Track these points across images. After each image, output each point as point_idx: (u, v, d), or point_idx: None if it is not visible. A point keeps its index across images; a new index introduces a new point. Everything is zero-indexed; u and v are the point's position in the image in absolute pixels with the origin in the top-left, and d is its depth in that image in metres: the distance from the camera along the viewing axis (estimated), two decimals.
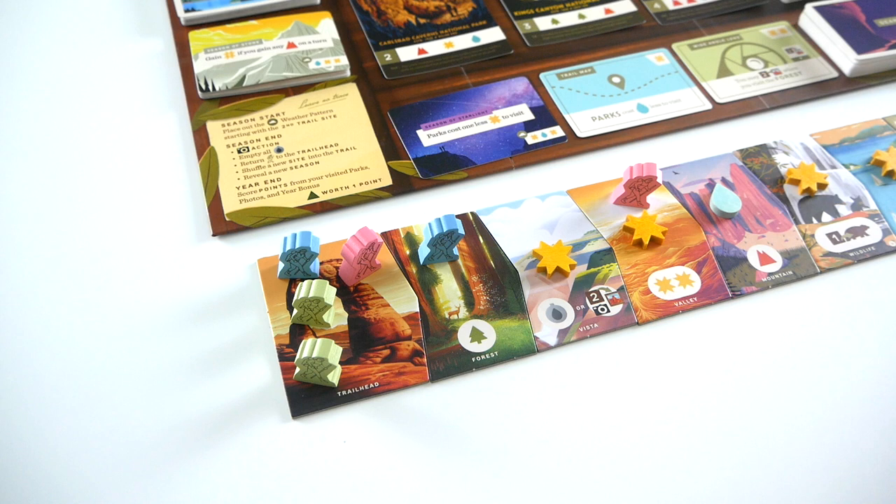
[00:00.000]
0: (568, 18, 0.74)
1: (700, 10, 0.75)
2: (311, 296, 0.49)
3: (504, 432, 0.48)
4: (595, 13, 0.75)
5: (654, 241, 0.57)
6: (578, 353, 0.52)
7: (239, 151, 0.61)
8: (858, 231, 0.59)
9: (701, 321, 0.54)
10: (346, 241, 0.52)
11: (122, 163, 0.61)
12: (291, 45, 0.68)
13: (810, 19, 0.73)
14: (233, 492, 0.45)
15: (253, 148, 0.62)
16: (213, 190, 0.59)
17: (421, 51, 0.70)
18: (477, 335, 0.52)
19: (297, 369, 0.49)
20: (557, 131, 0.64)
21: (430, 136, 0.63)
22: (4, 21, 0.71)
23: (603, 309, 0.54)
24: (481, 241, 0.57)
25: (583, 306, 0.54)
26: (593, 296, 0.54)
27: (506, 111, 0.66)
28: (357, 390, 0.49)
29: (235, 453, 0.47)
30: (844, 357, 0.53)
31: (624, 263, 0.56)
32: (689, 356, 0.52)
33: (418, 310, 0.53)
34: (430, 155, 0.62)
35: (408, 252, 0.56)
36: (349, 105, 0.65)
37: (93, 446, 0.47)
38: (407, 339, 0.52)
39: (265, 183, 0.59)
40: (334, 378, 0.49)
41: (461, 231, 0.53)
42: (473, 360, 0.51)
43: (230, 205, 0.58)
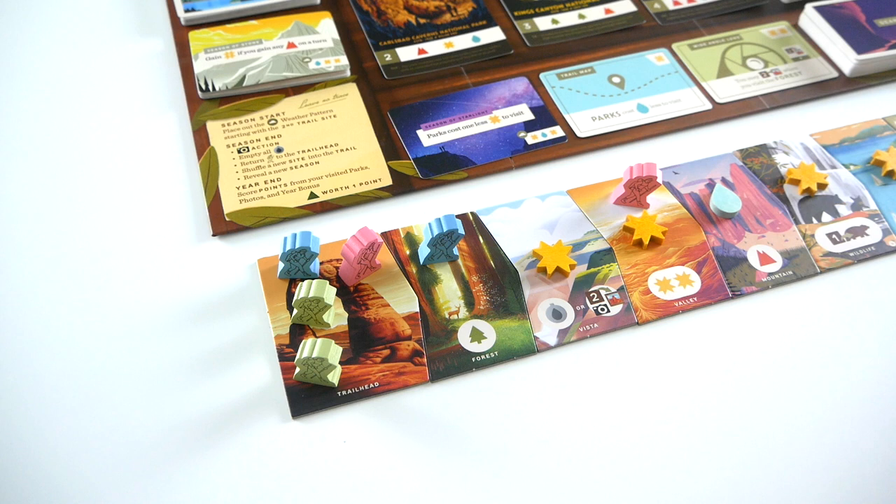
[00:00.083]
0: (568, 18, 0.74)
1: (700, 10, 0.75)
2: (311, 296, 0.49)
3: (504, 432, 0.48)
4: (595, 13, 0.74)
5: (654, 241, 0.57)
6: (578, 353, 0.52)
7: (239, 151, 0.61)
8: (858, 231, 0.59)
9: (701, 321, 0.54)
10: (346, 241, 0.52)
11: (122, 163, 0.61)
12: (291, 45, 0.68)
13: (810, 19, 0.73)
14: (233, 492, 0.45)
15: (253, 148, 0.62)
16: (213, 190, 0.59)
17: (421, 51, 0.70)
18: (477, 335, 0.52)
19: (297, 369, 0.49)
20: (557, 131, 0.64)
21: (430, 136, 0.63)
22: (4, 21, 0.71)
23: (603, 309, 0.54)
24: (481, 241, 0.57)
25: (583, 306, 0.54)
26: (593, 296, 0.54)
27: (506, 111, 0.66)
28: (357, 390, 0.49)
29: (235, 453, 0.47)
30: (844, 357, 0.53)
31: (624, 263, 0.56)
32: (689, 356, 0.52)
33: (418, 310, 0.53)
34: (430, 155, 0.62)
35: (408, 252, 0.56)
36: (349, 105, 0.65)
37: (93, 446, 0.47)
38: (407, 339, 0.52)
39: (265, 183, 0.59)
40: (334, 378, 0.49)
41: (461, 231, 0.53)
42: (473, 360, 0.51)
43: (230, 205, 0.58)
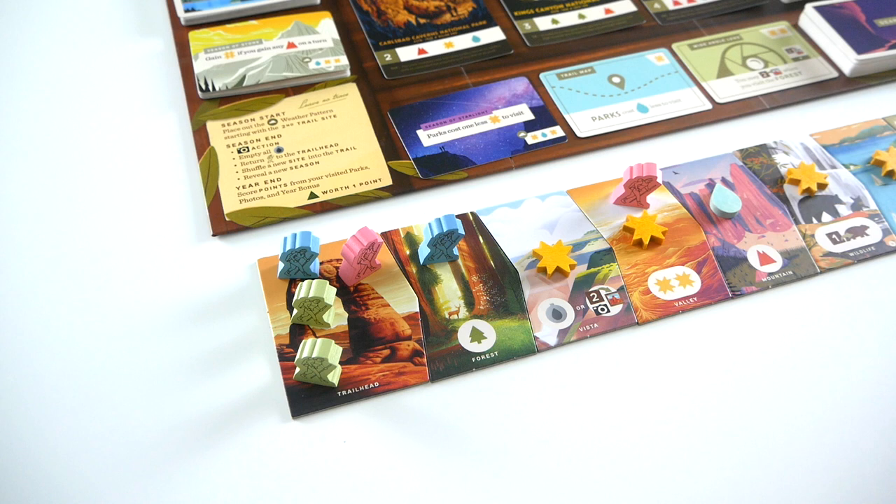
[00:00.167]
0: (568, 18, 0.74)
1: (700, 10, 0.75)
2: (311, 296, 0.49)
3: (504, 432, 0.48)
4: (595, 13, 0.74)
5: (654, 241, 0.57)
6: (578, 353, 0.52)
7: (239, 151, 0.61)
8: (858, 231, 0.59)
9: (701, 321, 0.54)
10: (346, 241, 0.52)
11: (122, 163, 0.61)
12: (291, 45, 0.68)
13: (810, 19, 0.73)
14: (233, 492, 0.45)
15: (253, 148, 0.62)
16: (213, 190, 0.59)
17: (421, 51, 0.70)
18: (477, 335, 0.52)
19: (297, 369, 0.49)
20: (557, 131, 0.64)
21: (430, 136, 0.63)
22: (4, 21, 0.71)
23: (603, 309, 0.54)
24: (481, 241, 0.57)
25: (583, 306, 0.54)
26: (593, 296, 0.54)
27: (506, 111, 0.66)
28: (357, 390, 0.49)
29: (235, 453, 0.47)
30: (844, 357, 0.53)
31: (624, 263, 0.56)
32: (689, 356, 0.52)
33: (418, 310, 0.53)
34: (430, 155, 0.62)
35: (408, 252, 0.56)
36: (349, 105, 0.65)
37: (93, 446, 0.47)
38: (407, 339, 0.52)
39: (265, 183, 0.59)
40: (334, 378, 0.49)
41: (461, 231, 0.53)
42: (473, 360, 0.51)
43: (230, 205, 0.58)
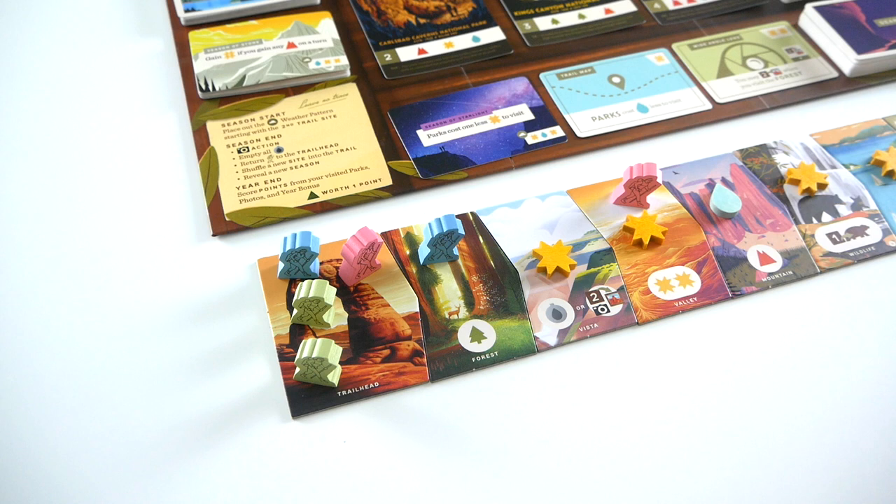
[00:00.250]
0: (568, 18, 0.74)
1: (700, 10, 0.75)
2: (311, 296, 0.49)
3: (504, 432, 0.48)
4: (595, 13, 0.74)
5: (654, 241, 0.57)
6: (578, 353, 0.52)
7: (239, 151, 0.61)
8: (858, 231, 0.59)
9: (701, 321, 0.54)
10: (346, 241, 0.52)
11: (122, 163, 0.61)
12: (291, 45, 0.68)
13: (810, 19, 0.73)
14: (233, 492, 0.45)
15: (253, 148, 0.62)
16: (213, 190, 0.59)
17: (421, 51, 0.70)
18: (477, 335, 0.52)
19: (297, 369, 0.49)
20: (557, 131, 0.64)
21: (430, 136, 0.63)
22: (4, 21, 0.71)
23: (603, 309, 0.54)
24: (481, 241, 0.57)
25: (583, 306, 0.54)
26: (593, 296, 0.54)
27: (506, 111, 0.66)
28: (357, 390, 0.49)
29: (235, 453, 0.47)
30: (844, 357, 0.53)
31: (624, 263, 0.56)
32: (689, 356, 0.52)
33: (418, 310, 0.53)
34: (430, 155, 0.62)
35: (408, 252, 0.56)
36: (349, 105, 0.65)
37: (93, 446, 0.47)
38: (407, 339, 0.52)
39: (265, 183, 0.59)
40: (334, 378, 0.49)
41: (461, 231, 0.53)
42: (473, 360, 0.51)
43: (230, 205, 0.58)
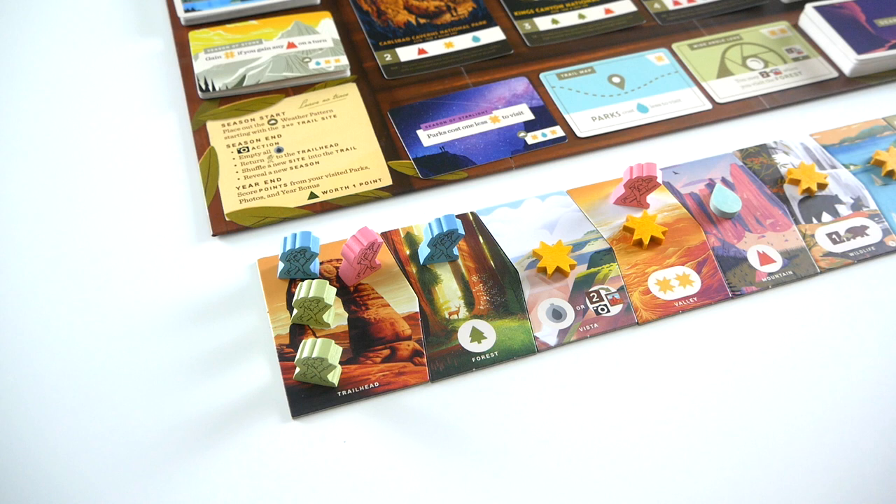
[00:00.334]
0: (568, 18, 0.74)
1: (700, 10, 0.75)
2: (311, 296, 0.49)
3: (504, 432, 0.48)
4: (595, 13, 0.74)
5: (654, 241, 0.57)
6: (578, 353, 0.52)
7: (239, 151, 0.61)
8: (858, 231, 0.59)
9: (701, 321, 0.54)
10: (346, 241, 0.52)
11: (122, 163, 0.61)
12: (291, 45, 0.68)
13: (810, 19, 0.73)
14: (233, 492, 0.45)
15: (253, 148, 0.62)
16: (213, 190, 0.59)
17: (421, 51, 0.70)
18: (477, 335, 0.52)
19: (297, 369, 0.49)
20: (557, 131, 0.64)
21: (430, 136, 0.63)
22: (4, 21, 0.71)
23: (603, 309, 0.54)
24: (481, 241, 0.57)
25: (583, 306, 0.54)
26: (593, 296, 0.54)
27: (506, 111, 0.66)
28: (357, 390, 0.49)
29: (235, 453, 0.47)
30: (844, 357, 0.53)
31: (624, 263, 0.56)
32: (689, 356, 0.52)
33: (418, 310, 0.53)
34: (430, 155, 0.62)
35: (408, 252, 0.56)
36: (349, 105, 0.65)
37: (93, 446, 0.47)
38: (407, 339, 0.52)
39: (265, 183, 0.59)
40: (334, 378, 0.49)
41: (461, 231, 0.53)
42: (473, 360, 0.51)
43: (230, 205, 0.58)
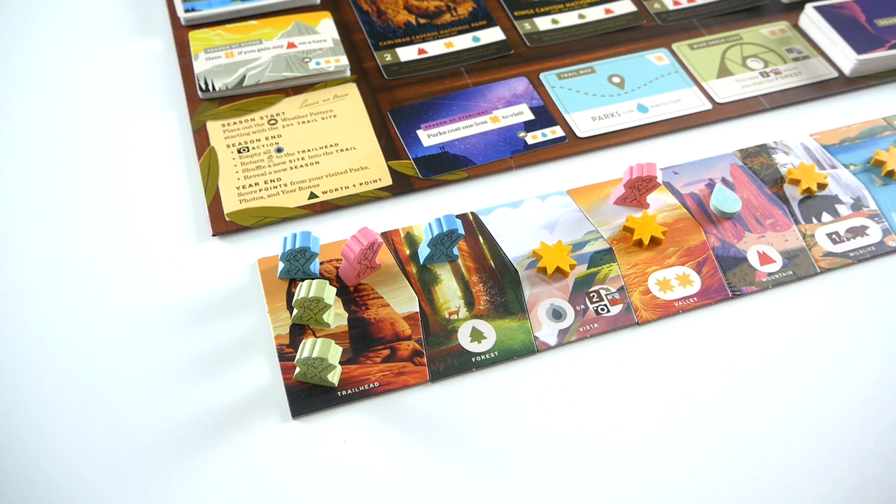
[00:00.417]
0: (568, 18, 0.74)
1: (700, 10, 0.75)
2: (311, 296, 0.49)
3: (504, 432, 0.48)
4: (595, 13, 0.74)
5: (654, 241, 0.57)
6: (578, 353, 0.52)
7: (239, 151, 0.61)
8: (858, 231, 0.59)
9: (701, 321, 0.54)
10: (346, 241, 0.52)
11: (122, 163, 0.61)
12: (291, 45, 0.68)
13: (810, 19, 0.73)
14: (233, 492, 0.45)
15: (253, 148, 0.62)
16: (213, 190, 0.59)
17: (421, 51, 0.70)
18: (477, 335, 0.52)
19: (297, 369, 0.49)
20: (557, 131, 0.64)
21: (430, 136, 0.63)
22: (4, 21, 0.71)
23: (603, 309, 0.54)
24: (481, 241, 0.57)
25: (583, 306, 0.54)
26: (593, 296, 0.54)
27: (506, 111, 0.66)
28: (357, 390, 0.49)
29: (235, 453, 0.47)
30: (844, 357, 0.53)
31: (624, 263, 0.56)
32: (689, 356, 0.52)
33: (418, 310, 0.53)
34: (430, 155, 0.62)
35: (408, 252, 0.56)
36: (349, 105, 0.65)
37: (93, 446, 0.47)
38: (407, 339, 0.52)
39: (265, 183, 0.59)
40: (334, 378, 0.49)
41: (461, 231, 0.53)
42: (473, 360, 0.51)
43: (230, 205, 0.58)
